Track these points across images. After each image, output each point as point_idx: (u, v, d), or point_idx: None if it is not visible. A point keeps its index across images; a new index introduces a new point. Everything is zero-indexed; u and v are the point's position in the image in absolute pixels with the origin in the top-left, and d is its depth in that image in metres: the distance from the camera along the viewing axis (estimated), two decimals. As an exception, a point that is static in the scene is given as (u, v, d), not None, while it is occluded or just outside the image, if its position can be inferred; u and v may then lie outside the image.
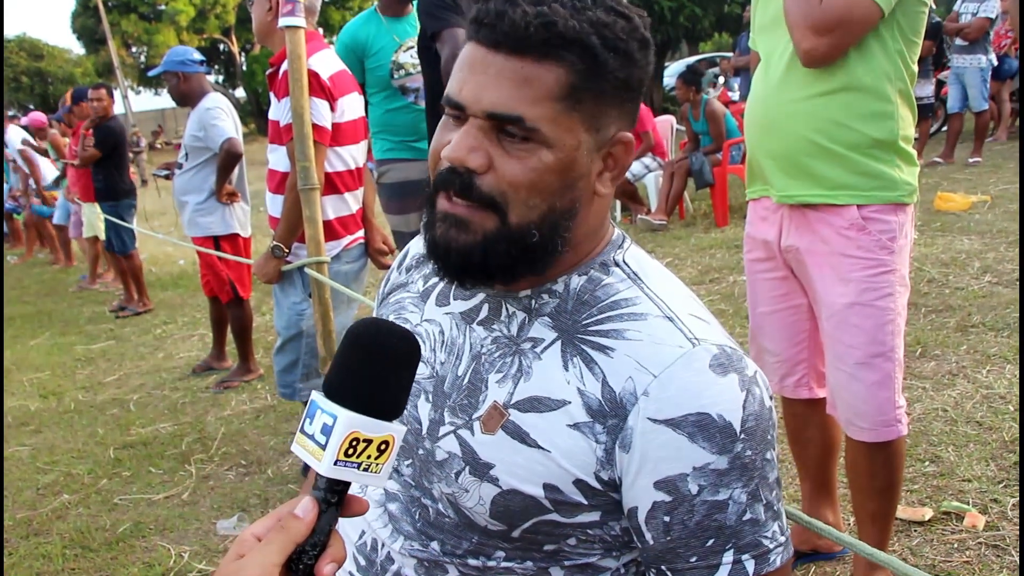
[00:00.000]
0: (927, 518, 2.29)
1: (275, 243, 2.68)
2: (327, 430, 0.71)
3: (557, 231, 0.88)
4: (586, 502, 0.88)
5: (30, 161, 8.47)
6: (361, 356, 0.75)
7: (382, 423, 0.73)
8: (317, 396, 0.74)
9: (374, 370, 0.74)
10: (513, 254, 0.86)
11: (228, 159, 4.11)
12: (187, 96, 4.23)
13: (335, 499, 0.74)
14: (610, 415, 0.85)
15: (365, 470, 0.73)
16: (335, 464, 0.71)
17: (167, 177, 4.80)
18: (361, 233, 2.86)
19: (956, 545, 2.18)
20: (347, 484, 0.74)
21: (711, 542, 0.83)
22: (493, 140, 0.84)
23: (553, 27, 0.80)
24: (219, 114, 4.13)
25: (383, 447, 0.73)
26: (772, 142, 1.87)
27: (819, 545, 2.23)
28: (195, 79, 4.23)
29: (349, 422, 0.71)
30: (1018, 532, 2.18)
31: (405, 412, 0.97)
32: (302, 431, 0.74)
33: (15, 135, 8.38)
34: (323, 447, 0.71)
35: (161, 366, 4.87)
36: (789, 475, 2.53)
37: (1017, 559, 2.09)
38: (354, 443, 0.71)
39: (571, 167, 0.86)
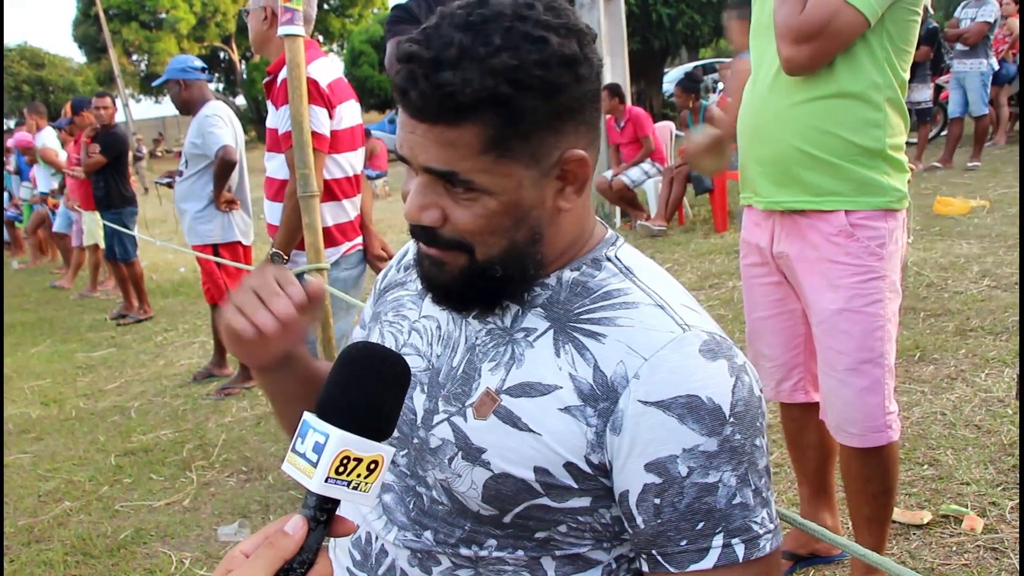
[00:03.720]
0: (926, 521, 2.30)
1: (274, 250, 2.69)
2: (319, 448, 0.73)
3: (524, 260, 0.91)
4: (576, 486, 0.89)
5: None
6: (354, 377, 0.77)
7: (373, 443, 0.74)
8: (309, 416, 0.75)
9: (367, 391, 0.76)
10: (486, 287, 0.91)
11: (222, 167, 4.14)
12: (189, 104, 4.26)
13: (324, 517, 0.75)
14: (601, 399, 0.86)
15: (355, 488, 0.74)
16: (326, 482, 0.72)
17: (169, 185, 4.83)
18: (359, 240, 2.88)
19: (955, 548, 2.19)
20: (336, 503, 0.75)
21: (701, 525, 0.84)
22: (441, 191, 0.87)
23: (453, 98, 0.80)
24: (217, 122, 4.15)
25: (372, 466, 0.75)
26: (761, 149, 1.88)
27: (817, 549, 2.24)
28: (196, 87, 4.25)
29: (341, 440, 0.73)
30: (1017, 535, 2.19)
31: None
32: (293, 450, 0.75)
33: (50, 135, 8.33)
34: (314, 465, 0.73)
35: (162, 373, 4.88)
36: (788, 479, 2.54)
37: (1016, 562, 2.09)
38: (345, 461, 0.73)
39: (518, 205, 0.87)
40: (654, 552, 0.87)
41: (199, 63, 4.33)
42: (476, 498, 0.91)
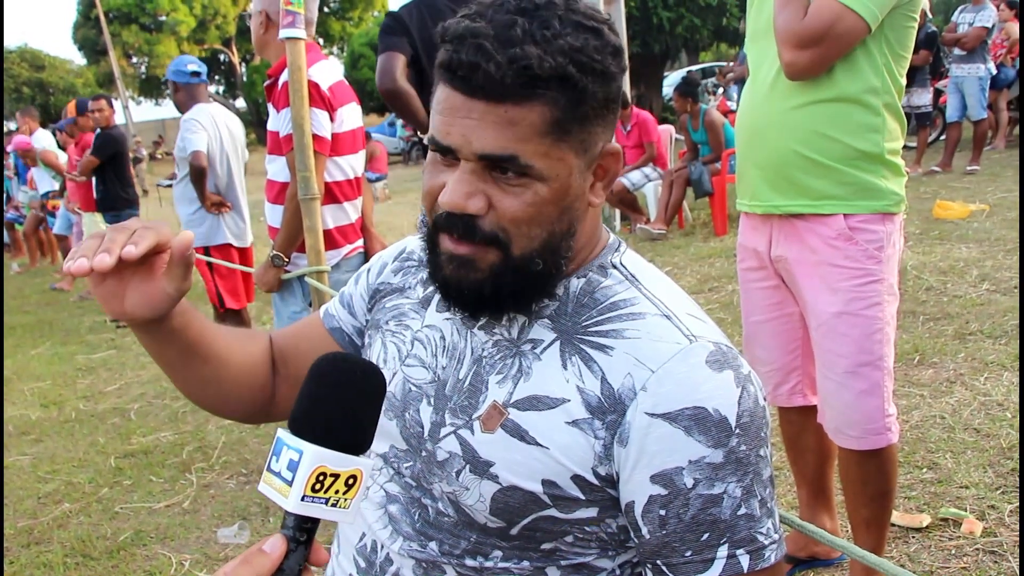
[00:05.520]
0: (925, 524, 2.30)
1: (275, 252, 2.70)
2: (293, 466, 0.70)
3: (559, 253, 0.90)
4: (583, 497, 0.89)
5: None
6: (327, 390, 0.74)
7: (349, 457, 0.72)
8: (282, 433, 0.73)
9: (340, 404, 0.74)
10: (520, 284, 0.89)
11: (193, 173, 4.17)
12: (181, 106, 4.31)
13: (304, 537, 0.72)
14: (609, 411, 0.86)
15: (333, 506, 0.72)
16: (302, 500, 0.70)
17: (170, 186, 4.88)
18: (360, 242, 2.88)
19: (954, 551, 2.19)
20: (316, 522, 0.73)
21: (706, 536, 0.84)
22: (488, 179, 0.85)
23: (529, 71, 0.80)
24: (194, 126, 4.17)
25: (351, 481, 0.72)
26: (759, 153, 1.88)
27: (817, 552, 2.24)
28: (185, 90, 4.29)
29: (316, 456, 0.70)
30: (1016, 539, 2.19)
31: (407, 417, 0.99)
32: (269, 470, 0.73)
33: (44, 138, 8.31)
34: (290, 483, 0.70)
35: (162, 375, 4.85)
36: (787, 482, 2.54)
37: (1015, 565, 2.10)
38: (321, 478, 0.70)
39: (566, 193, 0.87)
40: (659, 562, 0.87)
41: (192, 67, 4.33)
42: (484, 511, 0.91)
